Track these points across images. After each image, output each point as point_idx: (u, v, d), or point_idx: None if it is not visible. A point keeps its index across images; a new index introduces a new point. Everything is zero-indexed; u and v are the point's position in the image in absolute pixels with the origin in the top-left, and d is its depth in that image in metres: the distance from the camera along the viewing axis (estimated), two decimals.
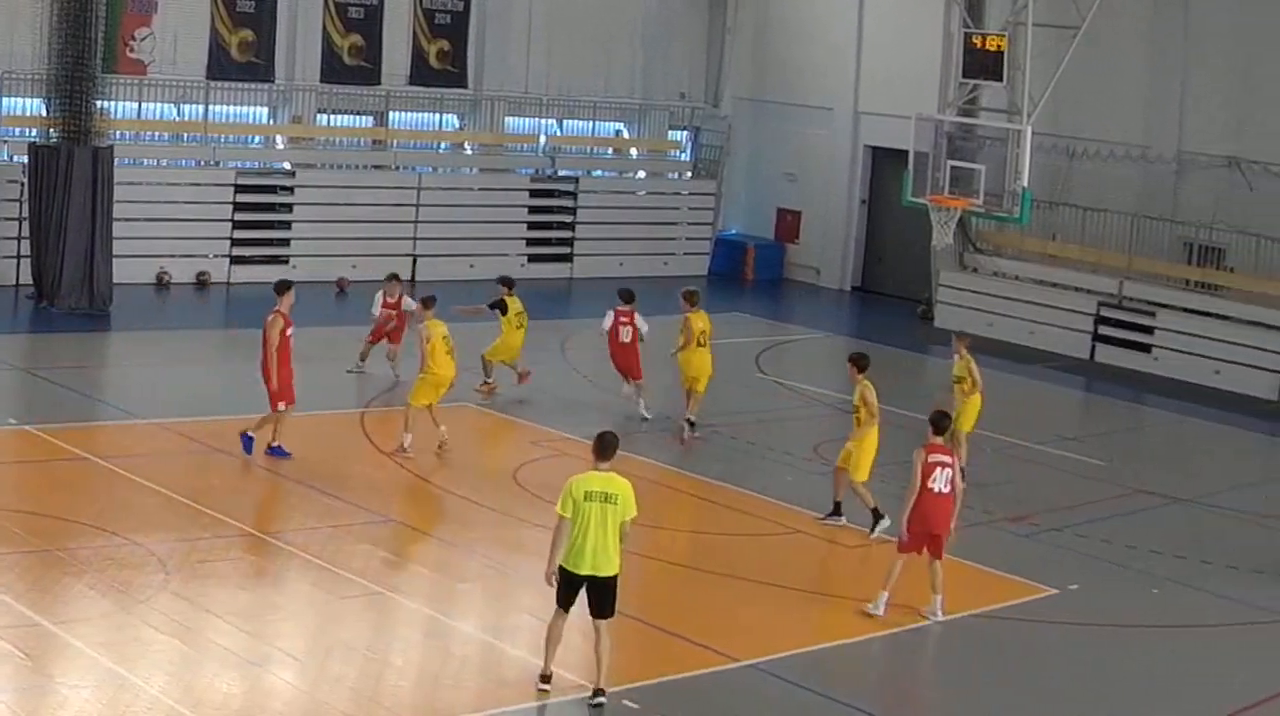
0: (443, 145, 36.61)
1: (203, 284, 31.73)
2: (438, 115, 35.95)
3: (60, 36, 27.35)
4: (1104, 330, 31.94)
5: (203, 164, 32.49)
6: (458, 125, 36.66)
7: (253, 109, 33.71)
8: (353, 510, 18.09)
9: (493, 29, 36.20)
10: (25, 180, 28.49)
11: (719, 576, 17.01)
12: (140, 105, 31.81)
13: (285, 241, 33.25)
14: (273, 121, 34.19)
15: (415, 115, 35.62)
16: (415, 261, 33.61)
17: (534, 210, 36.84)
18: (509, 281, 24.37)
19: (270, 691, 13.11)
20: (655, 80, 39.10)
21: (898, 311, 36.03)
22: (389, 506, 18.54)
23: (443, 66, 35.72)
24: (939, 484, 15.76)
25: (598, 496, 13.19)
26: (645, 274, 34.66)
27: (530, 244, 36.52)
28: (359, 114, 35.21)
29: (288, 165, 33.72)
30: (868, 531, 18.53)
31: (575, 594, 13.33)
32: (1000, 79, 29.70)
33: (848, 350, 23.04)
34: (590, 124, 38.27)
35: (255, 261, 32.46)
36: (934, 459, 15.80)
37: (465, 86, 36.02)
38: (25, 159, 28.43)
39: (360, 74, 34.44)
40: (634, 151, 39.63)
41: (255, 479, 19.41)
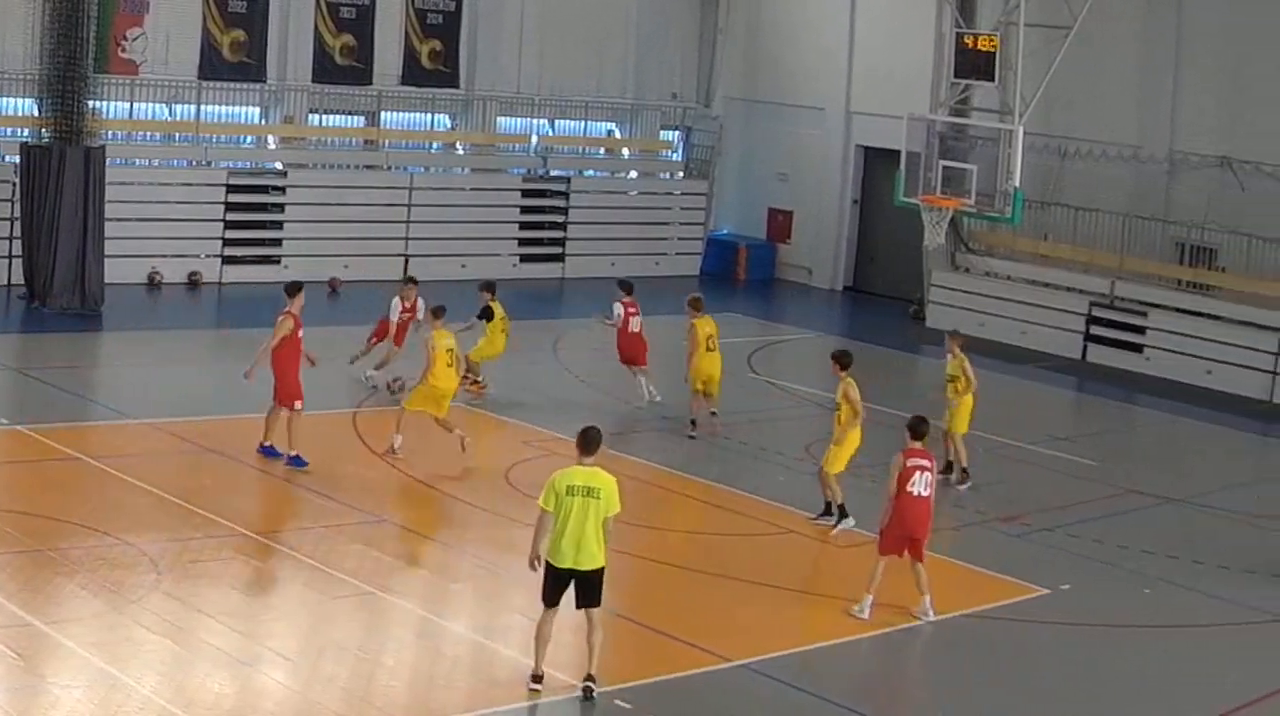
0: (435, 145, 36.59)
1: (194, 284, 31.71)
2: (430, 115, 35.92)
3: (52, 36, 27.35)
4: (1096, 330, 31.95)
5: (194, 164, 32.45)
6: (450, 125, 36.63)
7: (244, 109, 33.68)
8: (345, 510, 18.08)
9: (484, 29, 36.19)
10: (17, 180, 28.46)
11: (711, 576, 17.02)
12: (132, 105, 31.81)
13: (277, 241, 33.24)
14: (264, 121, 34.16)
15: (407, 115, 35.60)
16: (407, 261, 33.56)
17: (526, 210, 36.85)
18: (491, 286, 24.27)
19: (262, 691, 13.09)
20: (647, 80, 39.11)
21: (889, 311, 36.03)
22: (381, 507, 18.51)
23: (434, 66, 35.69)
24: (918, 487, 15.81)
25: (580, 491, 13.19)
26: (637, 274, 34.26)
27: (522, 244, 36.55)
28: (351, 114, 35.20)
29: (279, 165, 33.68)
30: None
31: (561, 589, 13.33)
32: (992, 79, 29.75)
33: None
34: (582, 124, 38.27)
35: (247, 261, 32.54)
36: (913, 463, 15.86)
37: (457, 86, 36.01)
38: (17, 159, 28.40)
39: (352, 74, 34.42)
40: (626, 151, 39.64)
41: (247, 479, 19.37)
